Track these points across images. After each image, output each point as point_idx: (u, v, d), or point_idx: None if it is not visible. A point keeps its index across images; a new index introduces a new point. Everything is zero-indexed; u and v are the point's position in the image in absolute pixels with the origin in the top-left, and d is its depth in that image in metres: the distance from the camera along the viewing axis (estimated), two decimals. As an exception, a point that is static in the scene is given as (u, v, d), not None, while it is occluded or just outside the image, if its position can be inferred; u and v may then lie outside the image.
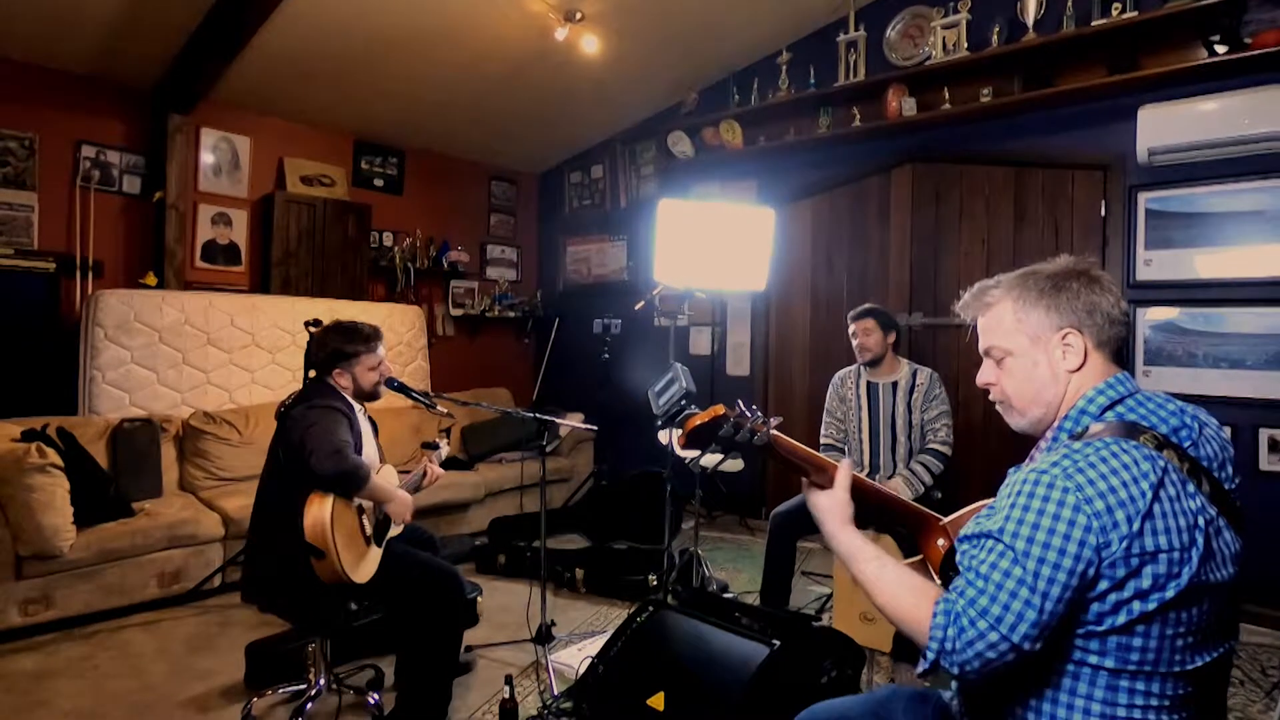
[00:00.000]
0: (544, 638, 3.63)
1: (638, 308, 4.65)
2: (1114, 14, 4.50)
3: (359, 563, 2.87)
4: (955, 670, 1.31)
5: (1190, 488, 1.31)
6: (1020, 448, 1.59)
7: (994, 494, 1.46)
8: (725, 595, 4.35)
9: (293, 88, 5.74)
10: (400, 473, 3.43)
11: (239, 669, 3.40)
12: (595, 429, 4.38)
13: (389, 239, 6.87)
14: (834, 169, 5.95)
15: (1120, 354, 1.52)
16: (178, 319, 5.12)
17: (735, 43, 5.99)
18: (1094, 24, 4.54)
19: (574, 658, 3.47)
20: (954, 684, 1.64)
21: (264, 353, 5.54)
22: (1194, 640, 1.31)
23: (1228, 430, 4.20)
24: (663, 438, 4.28)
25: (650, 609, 3.13)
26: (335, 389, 3.11)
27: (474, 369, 7.49)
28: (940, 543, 1.67)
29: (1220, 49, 4.20)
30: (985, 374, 1.62)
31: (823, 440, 4.33)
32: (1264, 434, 4.23)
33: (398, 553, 3.09)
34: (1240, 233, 4.28)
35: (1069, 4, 4.67)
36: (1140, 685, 1.30)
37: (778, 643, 2.72)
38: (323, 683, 3.11)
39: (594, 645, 3.46)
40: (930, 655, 1.33)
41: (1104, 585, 1.27)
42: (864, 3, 5.61)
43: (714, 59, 6.22)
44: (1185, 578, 1.26)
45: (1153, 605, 1.26)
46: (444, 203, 7.37)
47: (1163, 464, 1.30)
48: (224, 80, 5.36)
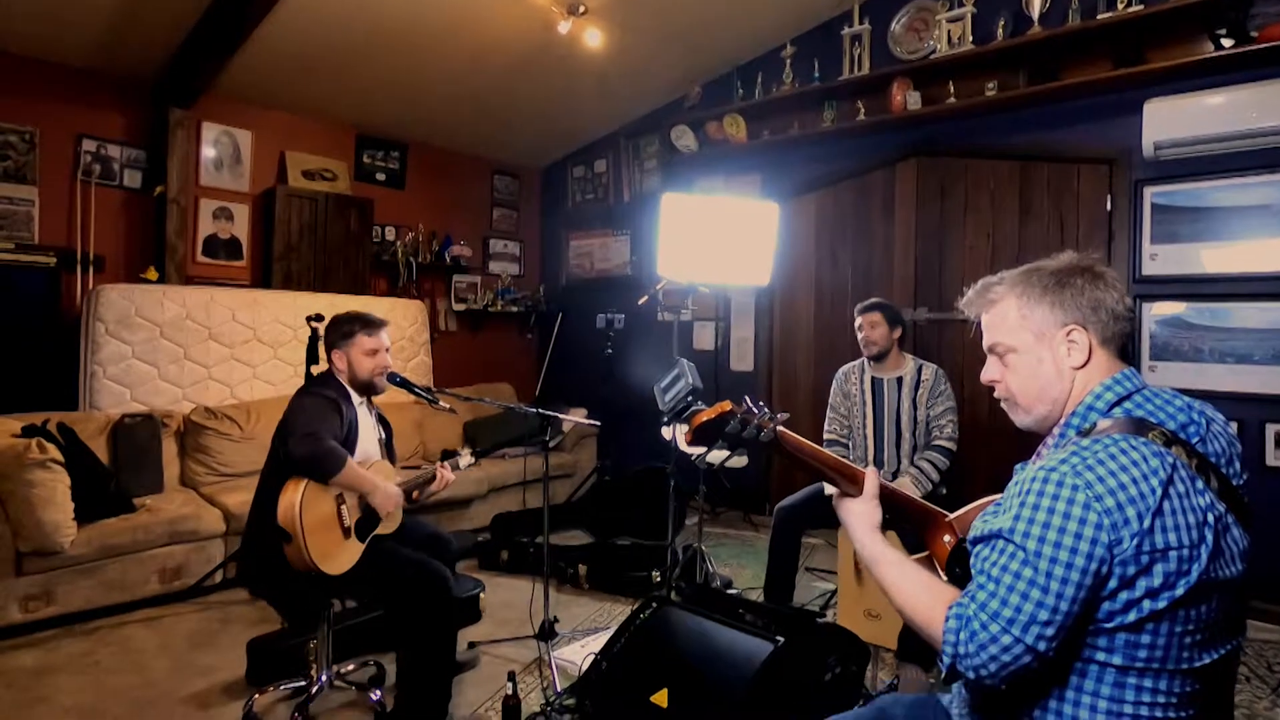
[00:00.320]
0: (547, 634, 3.64)
1: (641, 303, 4.63)
2: (1119, 7, 4.49)
3: (331, 553, 2.83)
4: (971, 675, 1.31)
5: (1199, 484, 1.30)
6: (1026, 444, 1.59)
7: (1000, 490, 1.47)
8: (729, 591, 4.34)
9: (294, 81, 5.73)
10: (406, 468, 3.41)
11: (240, 665, 3.38)
12: (598, 424, 4.39)
13: (391, 233, 6.86)
14: (838, 163, 5.94)
15: (1125, 350, 1.53)
16: (179, 314, 5.11)
17: (739, 36, 5.98)
18: (1099, 17, 4.53)
19: (577, 654, 3.46)
20: (954, 686, 1.63)
21: (265, 348, 5.53)
22: (1202, 637, 1.30)
23: (1234, 426, 4.15)
24: (666, 434, 4.26)
25: (654, 605, 3.11)
26: (338, 381, 3.13)
27: (477, 364, 7.47)
28: (946, 539, 1.67)
29: (1226, 42, 4.20)
30: (990, 371, 1.62)
31: (826, 436, 4.30)
32: (1270, 429, 4.22)
33: (385, 551, 3.04)
34: (1247, 227, 4.28)
35: (1074, -3, 4.65)
36: (1148, 683, 1.30)
37: (782, 639, 2.70)
38: (324, 679, 3.10)
39: (597, 642, 3.46)
40: (946, 660, 1.33)
41: (1114, 584, 1.26)
42: (868, -4, 5.60)
43: (717, 52, 6.21)
44: (1195, 575, 1.25)
45: (1163, 603, 1.25)
46: (446, 197, 7.35)
47: (1172, 460, 1.29)
48: (225, 74, 5.35)
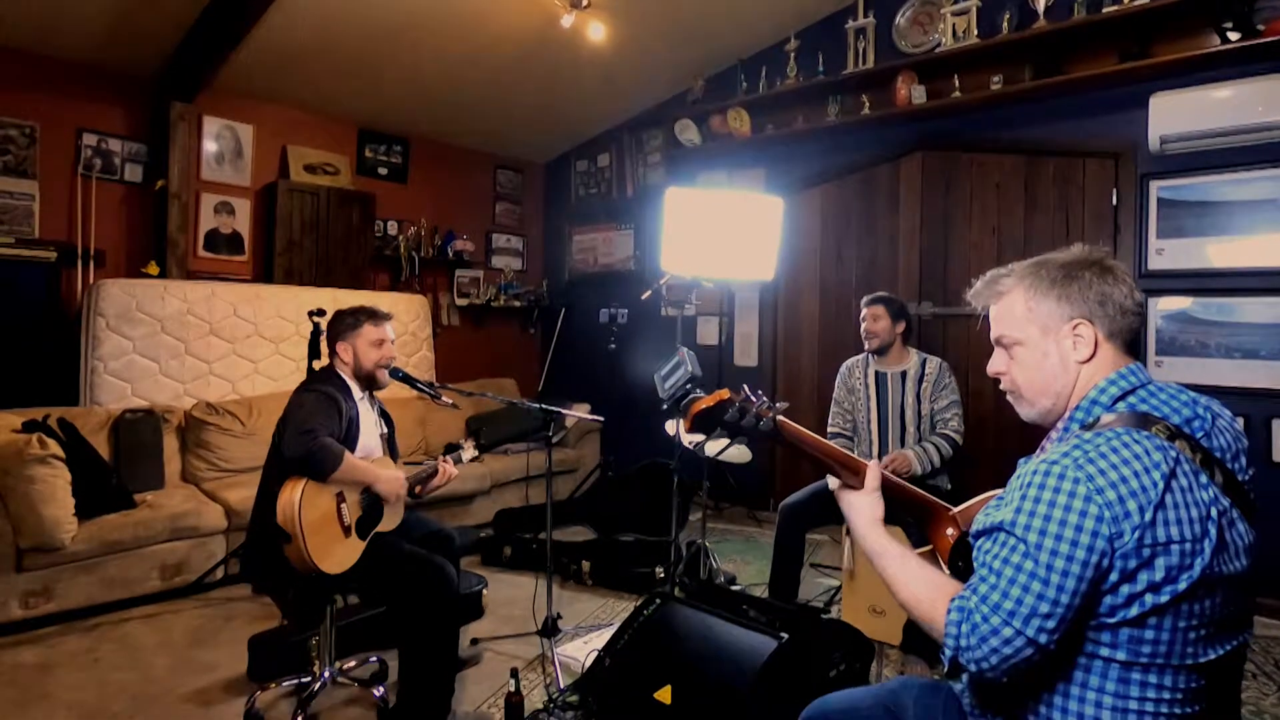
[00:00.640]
0: (550, 630, 3.63)
1: (644, 297, 4.62)
2: (1125, 1, 4.45)
3: (332, 552, 2.80)
4: (973, 668, 1.31)
5: (1203, 479, 1.30)
6: (1031, 438, 1.60)
7: (1004, 484, 1.46)
8: (733, 587, 4.33)
9: (296, 75, 5.71)
10: (407, 464, 3.39)
11: (242, 662, 3.37)
12: (602, 420, 4.37)
13: (393, 228, 6.84)
14: (843, 157, 5.92)
15: (1133, 345, 1.51)
16: (180, 309, 5.09)
17: (743, 30, 5.95)
18: (1105, 11, 4.50)
19: (580, 650, 3.46)
20: (964, 676, 1.64)
21: (267, 343, 5.51)
22: (1207, 633, 1.29)
23: (1241, 421, 4.14)
24: (670, 428, 4.24)
25: (657, 601, 3.11)
26: (337, 375, 3.10)
27: (479, 359, 7.46)
28: (949, 532, 1.67)
29: (1233, 36, 4.17)
30: (996, 363, 1.62)
31: (830, 430, 4.27)
32: (1277, 425, 4.20)
33: (386, 547, 3.01)
34: (1253, 221, 4.26)
35: (1080, -10, 4.62)
36: (1152, 678, 1.29)
37: (786, 636, 2.70)
38: (327, 676, 3.09)
39: (600, 638, 3.45)
40: (948, 653, 1.33)
41: (1115, 577, 1.26)
42: (873, -11, 5.57)
43: (721, 46, 6.17)
44: (1198, 569, 1.24)
45: (1165, 597, 1.25)
46: (449, 191, 7.33)
47: (1174, 454, 1.29)
48: (227, 68, 5.32)
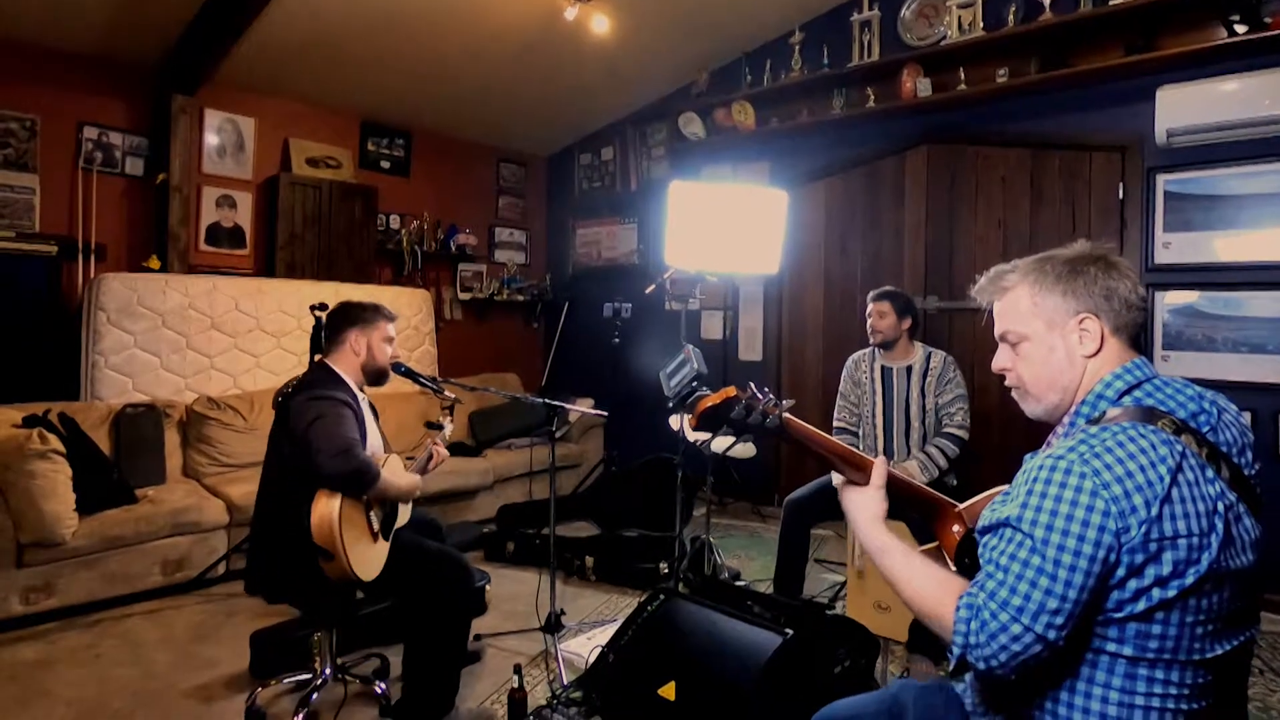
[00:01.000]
0: (553, 626, 3.62)
1: (648, 291, 4.61)
2: (1131, -7, 4.42)
3: (367, 560, 2.80)
4: (981, 666, 1.30)
5: (1209, 473, 1.30)
6: (1036, 433, 1.59)
7: (1010, 480, 1.45)
8: (737, 583, 4.31)
9: (298, 68, 5.68)
10: (406, 459, 3.37)
11: (243, 658, 3.36)
12: (605, 414, 4.36)
13: (396, 222, 6.81)
14: (848, 150, 5.89)
15: (1138, 339, 1.51)
16: (181, 303, 5.08)
17: (747, 22, 5.92)
18: (1112, 3, 4.48)
19: (584, 647, 3.44)
20: (967, 675, 1.64)
21: (269, 337, 5.50)
22: (1214, 628, 1.29)
23: (1247, 416, 4.17)
24: (673, 423, 4.23)
25: (661, 597, 3.09)
26: (338, 375, 3.02)
27: (482, 354, 7.44)
28: (955, 529, 1.66)
29: (1240, 29, 4.15)
30: (1001, 359, 1.61)
31: (835, 424, 4.25)
32: (1285, 420, 4.18)
33: (405, 542, 3.02)
34: (1261, 215, 4.24)
35: (1087, -17, 4.59)
36: (1159, 674, 1.29)
37: (791, 632, 2.68)
38: (328, 672, 3.07)
39: (604, 634, 3.43)
40: (956, 650, 1.33)
41: (1123, 572, 1.25)
42: (878, -18, 5.53)
43: (726, 39, 6.14)
44: (1205, 563, 1.24)
45: (1173, 592, 1.24)
46: (452, 185, 7.30)
47: (1180, 448, 1.29)
48: (228, 61, 5.28)
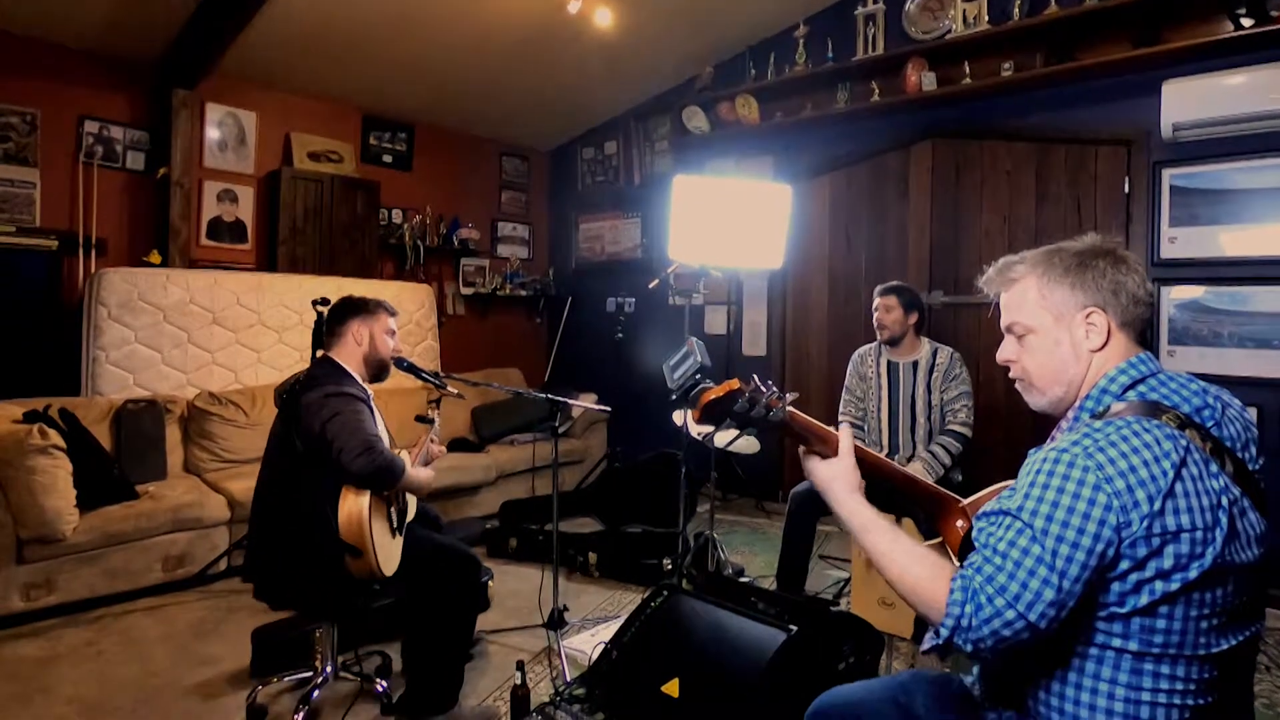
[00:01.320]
0: (556, 623, 3.60)
1: (652, 286, 4.58)
2: (1137, -14, 4.40)
3: (389, 556, 2.81)
4: (969, 648, 1.31)
5: (1213, 468, 1.31)
6: (1042, 428, 1.58)
7: (1015, 475, 1.44)
8: (741, 579, 4.29)
9: (300, 62, 5.66)
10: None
11: (245, 655, 3.34)
12: (608, 410, 4.36)
13: (398, 216, 6.79)
14: (852, 145, 5.87)
15: (1144, 334, 1.50)
16: (182, 298, 5.06)
17: (751, 16, 5.90)
18: (1117, -4, 4.45)
19: (587, 643, 3.43)
20: (975, 669, 1.65)
21: (271, 332, 5.48)
22: (1219, 622, 1.30)
23: (1253, 411, 4.12)
24: (677, 419, 4.21)
25: (665, 593, 3.09)
26: (343, 369, 2.99)
27: (485, 349, 7.42)
28: (960, 524, 1.66)
29: (1246, 22, 4.14)
30: (1006, 351, 1.61)
31: (840, 418, 4.24)
32: (1291, 415, 4.16)
33: (416, 536, 3.02)
34: (1267, 210, 4.23)
35: (1092, -24, 4.56)
36: (1165, 669, 1.30)
37: (795, 628, 2.67)
38: (330, 670, 3.05)
39: (607, 630, 3.41)
40: (945, 632, 1.33)
41: (1125, 565, 1.26)
42: (883, -25, 5.50)
43: (729, 32, 6.12)
44: (1209, 558, 1.25)
45: (1175, 585, 1.25)
46: (454, 179, 7.28)
47: (1185, 443, 1.30)
48: (229, 54, 5.25)
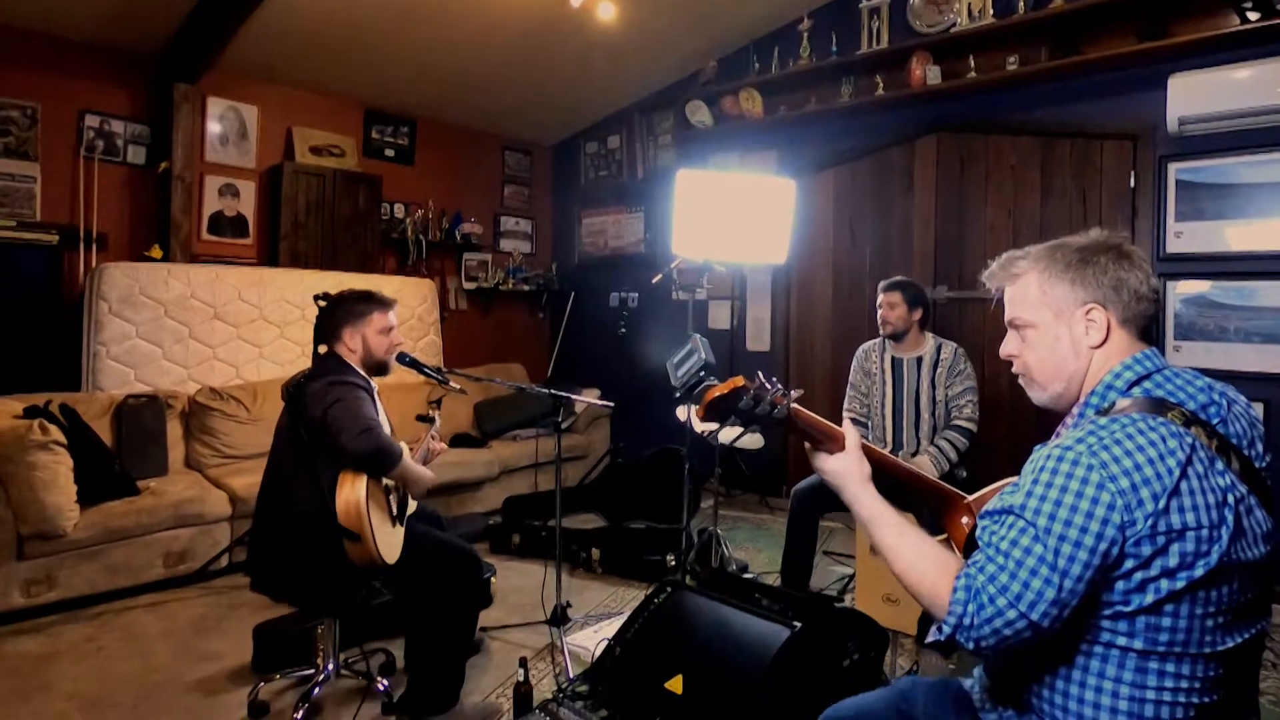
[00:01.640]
0: (559, 619, 3.60)
1: (655, 281, 4.56)
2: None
3: (389, 544, 2.80)
4: (970, 645, 1.31)
5: (1219, 465, 1.30)
6: (1047, 424, 1.58)
7: (1020, 471, 1.44)
8: (745, 575, 4.29)
9: (301, 56, 5.63)
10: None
11: (246, 651, 3.33)
12: (612, 405, 4.34)
13: (400, 211, 6.76)
14: (856, 139, 5.84)
15: (1148, 331, 1.49)
16: (184, 293, 5.04)
17: (755, 9, 5.87)
18: (1123, -10, 4.42)
19: (590, 640, 3.42)
20: (975, 671, 1.65)
21: (272, 327, 5.46)
22: (1225, 620, 1.29)
23: (1259, 407, 4.13)
24: (681, 414, 4.19)
25: (668, 590, 3.08)
26: (347, 364, 3.01)
27: (487, 344, 7.41)
28: (965, 521, 1.67)
29: (1253, 16, 4.11)
30: (1008, 345, 1.61)
31: (845, 414, 4.22)
32: (1298, 411, 4.14)
33: (417, 531, 3.01)
34: (1273, 204, 4.20)
35: (1098, -31, 4.52)
36: (1170, 667, 1.29)
37: (799, 624, 2.66)
38: (331, 667, 3.04)
39: (610, 627, 3.41)
40: (947, 629, 1.33)
41: (1130, 563, 1.26)
42: (887, -31, 5.47)
43: (733, 26, 6.09)
44: (1215, 556, 1.24)
45: (1181, 584, 1.24)
46: (456, 174, 7.26)
47: (1190, 441, 1.29)
48: (231, 48, 5.23)
